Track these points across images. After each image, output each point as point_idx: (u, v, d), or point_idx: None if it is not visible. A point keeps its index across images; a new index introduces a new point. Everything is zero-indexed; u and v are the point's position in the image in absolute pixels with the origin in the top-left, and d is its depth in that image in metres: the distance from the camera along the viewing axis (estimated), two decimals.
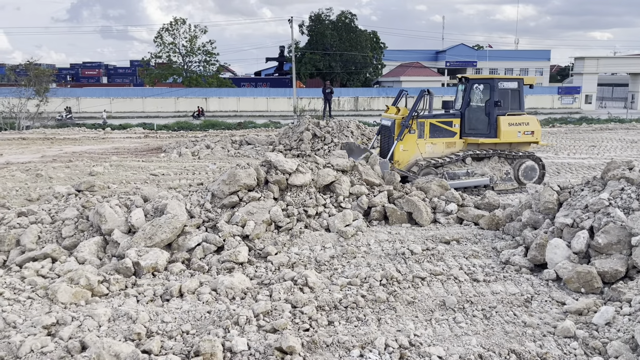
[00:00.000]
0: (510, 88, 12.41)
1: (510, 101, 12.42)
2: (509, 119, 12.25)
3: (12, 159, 18.66)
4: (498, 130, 12.19)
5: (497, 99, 12.13)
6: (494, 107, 12.17)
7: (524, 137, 12.42)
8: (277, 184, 8.89)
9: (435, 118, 12.23)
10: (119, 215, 8.10)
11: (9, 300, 5.79)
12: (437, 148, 12.23)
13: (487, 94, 12.43)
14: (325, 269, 7.04)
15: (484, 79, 13.25)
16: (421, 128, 12.05)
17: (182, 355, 4.72)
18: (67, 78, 70.35)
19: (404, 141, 11.89)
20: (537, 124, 12.63)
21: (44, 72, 37.54)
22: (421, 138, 12.07)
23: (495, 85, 12.23)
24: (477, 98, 12.80)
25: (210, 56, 56.19)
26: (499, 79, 12.49)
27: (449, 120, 12.34)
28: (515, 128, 12.28)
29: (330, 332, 5.22)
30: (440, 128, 12.23)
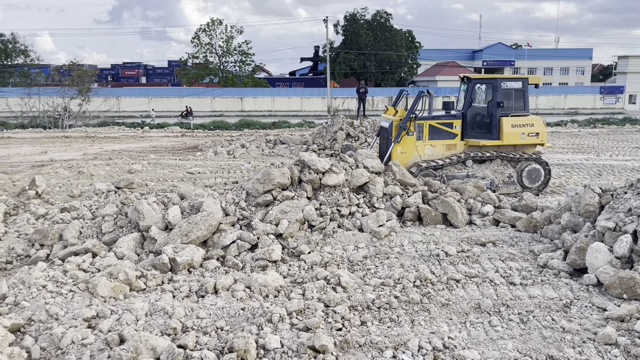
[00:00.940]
0: (514, 88, 11.96)
1: (514, 101, 11.95)
2: (512, 120, 11.79)
3: (55, 157, 19.32)
4: (500, 131, 11.72)
5: (500, 99, 11.69)
6: (497, 108, 11.73)
7: (528, 139, 11.89)
8: (311, 183, 8.92)
9: (434, 119, 11.88)
10: (157, 212, 8.28)
11: (52, 293, 5.98)
12: (437, 150, 11.84)
13: (490, 94, 11.99)
14: (358, 269, 7.03)
15: (486, 78, 12.76)
16: (420, 130, 11.71)
17: (216, 351, 4.79)
18: (108, 78, 72.37)
19: (401, 143, 11.59)
20: (543, 125, 12.10)
21: (86, 73, 38.70)
22: (420, 140, 11.73)
23: (497, 85, 11.78)
24: (479, 98, 12.40)
25: (246, 56, 56.89)
26: (501, 79, 12.08)
27: (450, 121, 11.94)
28: (518, 129, 11.79)
29: (363, 332, 5.20)
30: (440, 130, 11.86)
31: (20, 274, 6.44)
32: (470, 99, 12.01)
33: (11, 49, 60.56)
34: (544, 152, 12.97)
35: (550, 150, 19.55)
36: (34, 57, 61.50)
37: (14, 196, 10.81)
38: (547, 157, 17.78)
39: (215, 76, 57.11)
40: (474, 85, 12.23)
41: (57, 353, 4.82)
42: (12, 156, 20.00)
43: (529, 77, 12.47)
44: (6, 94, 38.26)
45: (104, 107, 38.55)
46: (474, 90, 12.19)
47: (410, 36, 61.97)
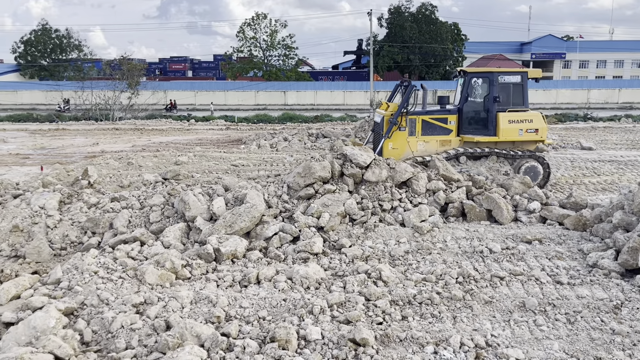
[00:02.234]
0: (512, 82, 11.49)
1: (512, 96, 11.47)
2: (510, 115, 11.33)
3: (106, 148, 20.03)
4: (497, 127, 11.26)
5: (496, 94, 11.24)
6: (493, 103, 11.27)
7: (526, 136, 11.38)
8: (352, 177, 8.91)
9: (428, 114, 11.53)
10: (202, 203, 8.47)
11: (103, 279, 6.23)
12: (430, 146, 11.46)
13: (486, 89, 11.53)
14: (399, 263, 6.99)
15: (482, 72, 12.29)
16: (412, 125, 11.38)
17: (258, 340, 4.87)
18: (156, 72, 74.24)
19: (393, 139, 11.27)
20: (542, 121, 11.56)
21: (135, 67, 39.85)
22: (412, 135, 11.38)
23: (494, 80, 11.35)
24: (475, 93, 11.97)
25: (290, 50, 57.17)
26: (498, 73, 11.58)
27: (444, 116, 11.56)
28: (516, 125, 11.31)
29: (403, 327, 5.19)
30: (433, 125, 11.49)
31: (74, 260, 6.74)
32: (466, 94, 11.62)
33: (66, 44, 63.05)
34: (547, 150, 12.39)
35: (602, 146, 18.82)
36: (87, 52, 63.89)
37: (68, 185, 11.28)
38: (598, 152, 17.14)
39: (259, 70, 57.66)
40: (470, 79, 11.83)
41: (107, 336, 5.02)
42: (66, 147, 20.87)
43: (528, 70, 11.92)
44: (61, 87, 39.81)
45: (152, 100, 39.60)
46: (470, 85, 11.78)
47: (455, 29, 60.69)
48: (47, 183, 11.17)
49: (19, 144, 21.76)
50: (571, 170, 14.36)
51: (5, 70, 66.68)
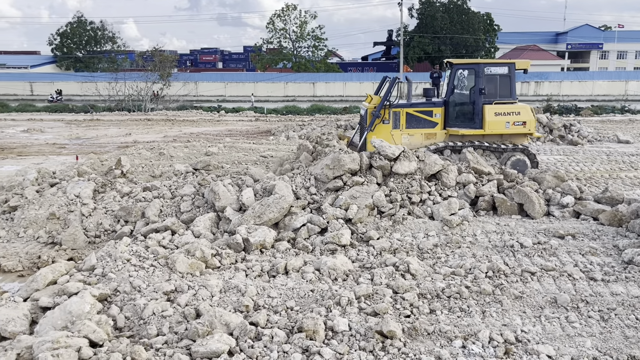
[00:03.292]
0: (499, 74, 11.13)
1: (499, 88, 11.12)
2: (496, 108, 10.99)
3: (139, 138, 20.42)
4: (483, 120, 10.94)
5: (482, 85, 10.90)
6: (479, 95, 10.94)
7: (513, 128, 11.03)
8: (381, 169, 8.87)
9: (412, 107, 11.27)
10: (231, 194, 8.57)
11: (135, 266, 6.37)
12: (415, 139, 11.17)
13: (472, 81, 11.19)
14: (427, 257, 6.95)
15: (468, 63, 12.02)
16: (396, 118, 11.11)
17: (286, 330, 4.92)
18: (187, 63, 75.12)
19: (376, 132, 11.02)
20: (530, 114, 11.19)
21: (167, 58, 40.39)
22: (396, 129, 11.12)
23: (480, 71, 10.99)
24: (461, 85, 11.65)
25: (319, 41, 57.03)
26: (485, 64, 11.22)
27: (429, 109, 11.28)
28: (502, 118, 10.95)
29: (431, 320, 5.16)
30: (418, 118, 11.22)
31: (107, 247, 6.91)
32: (452, 86, 11.33)
33: (100, 36, 64.34)
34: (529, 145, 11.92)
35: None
36: (121, 44, 65.08)
37: (102, 175, 11.55)
38: (636, 146, 16.62)
39: (288, 61, 57.74)
40: (456, 71, 11.51)
41: (139, 323, 5.15)
42: (100, 137, 21.36)
43: (515, 61, 11.57)
44: (95, 79, 40.65)
45: (183, 92, 40.11)
46: (456, 76, 11.47)
47: (488, 19, 59.49)
48: (82, 172, 11.46)
49: (56, 134, 22.37)
50: (607, 164, 13.97)
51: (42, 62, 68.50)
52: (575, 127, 18.63)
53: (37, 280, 6.05)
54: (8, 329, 5.07)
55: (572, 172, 12.68)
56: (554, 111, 27.67)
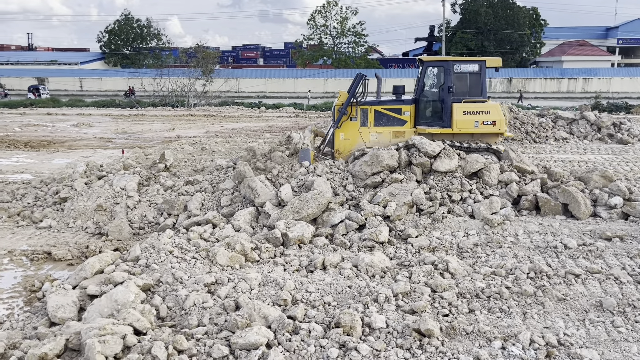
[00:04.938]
0: (469, 72, 10.72)
1: (469, 86, 10.70)
2: (465, 106, 10.55)
3: (182, 134, 20.88)
4: (452, 119, 10.56)
5: (451, 83, 10.55)
6: (448, 93, 10.59)
7: (482, 128, 10.54)
8: (421, 166, 8.79)
9: (380, 105, 10.94)
10: (270, 189, 8.67)
11: (177, 258, 6.55)
12: (383, 137, 10.83)
13: (442, 78, 10.83)
14: (467, 256, 6.85)
15: (438, 61, 11.47)
16: (364, 115, 10.82)
17: (323, 325, 4.96)
18: (229, 60, 76.18)
19: (344, 129, 10.77)
20: (500, 113, 10.69)
21: (209, 55, 41.04)
22: (364, 126, 10.82)
23: (449, 69, 10.61)
24: (431, 83, 11.29)
25: (360, 37, 56.77)
26: (454, 62, 10.80)
27: (397, 107, 10.94)
28: (471, 117, 10.50)
29: (470, 320, 5.09)
30: (386, 116, 10.88)
31: (151, 239, 7.12)
32: (422, 83, 11.03)
33: (146, 33, 65.99)
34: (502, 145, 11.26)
35: None
36: (165, 41, 66.59)
37: (146, 168, 11.89)
38: None
39: (328, 57, 57.76)
40: (426, 68, 11.19)
41: (181, 313, 5.29)
42: (145, 132, 21.96)
43: (486, 59, 11.09)
44: (141, 75, 41.79)
45: (225, 88, 40.72)
46: (426, 74, 11.16)
47: (534, 13, 57.81)
48: (127, 166, 11.82)
49: (103, 129, 23.13)
50: None
51: (91, 58, 70.83)
52: (625, 125, 17.92)
53: (85, 269, 6.29)
54: (58, 315, 5.30)
55: (621, 172, 12.21)
56: (602, 109, 26.68)
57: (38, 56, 73.03)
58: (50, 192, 10.48)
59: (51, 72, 56.40)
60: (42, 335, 4.89)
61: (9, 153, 16.66)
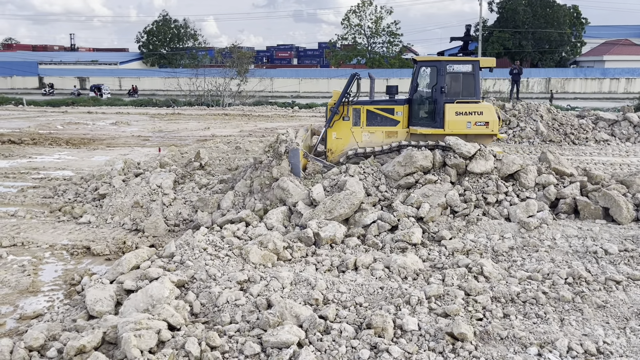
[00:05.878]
0: (462, 72, 10.63)
1: (462, 87, 10.60)
2: (457, 107, 10.43)
3: (216, 132, 21.17)
4: (444, 119, 10.45)
5: (443, 83, 10.44)
6: (440, 94, 10.49)
7: (475, 129, 10.43)
8: (455, 167, 8.67)
9: (373, 104, 10.89)
10: (301, 189, 8.70)
11: (211, 255, 6.63)
12: (376, 137, 10.80)
13: (435, 78, 10.72)
14: (502, 259, 6.72)
15: (431, 61, 11.34)
16: (357, 115, 10.79)
17: (354, 325, 4.94)
18: (263, 60, 76.82)
19: (336, 128, 10.77)
20: (493, 114, 10.51)
21: (244, 55, 41.45)
22: (357, 126, 10.80)
23: (442, 69, 10.50)
24: (424, 83, 11.16)
25: (394, 37, 56.41)
26: (447, 62, 10.69)
27: (390, 107, 10.87)
28: (464, 118, 10.40)
29: (505, 325, 4.99)
30: (379, 116, 10.82)
31: (186, 236, 7.24)
32: (415, 84, 10.94)
33: (183, 34, 67.20)
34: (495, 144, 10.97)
35: None
36: (201, 41, 67.66)
37: (182, 166, 12.10)
38: None
39: (362, 57, 57.59)
40: (420, 68, 11.08)
41: (214, 310, 5.36)
42: (180, 131, 22.35)
43: (480, 59, 10.95)
44: (177, 74, 42.52)
45: (259, 87, 41.06)
46: (419, 74, 11.05)
47: (575, 12, 56.25)
48: (164, 164, 12.06)
49: (141, 127, 23.66)
50: None
51: (130, 58, 72.58)
52: None
53: (122, 264, 6.44)
54: (96, 309, 5.45)
55: None
56: None
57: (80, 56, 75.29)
58: (90, 188, 10.80)
59: (92, 72, 58.06)
60: (81, 327, 5.04)
61: (51, 150, 17.23)
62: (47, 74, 58.42)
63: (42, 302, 6.25)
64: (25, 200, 10.66)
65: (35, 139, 19.13)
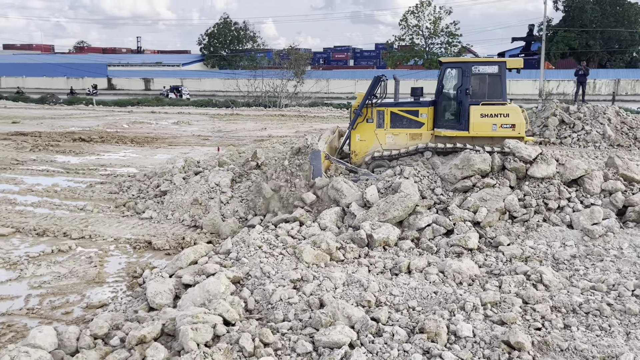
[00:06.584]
0: (488, 73, 10.33)
1: (488, 88, 10.30)
2: (483, 109, 10.13)
3: (273, 133, 21.52)
4: (468, 121, 10.15)
5: (468, 85, 10.13)
6: (465, 95, 10.18)
7: (501, 131, 10.18)
8: (515, 171, 8.41)
9: (397, 106, 10.72)
10: (355, 190, 8.69)
11: (266, 253, 6.75)
12: (399, 139, 10.67)
13: (460, 80, 10.38)
14: (564, 268, 6.46)
15: (456, 62, 11.00)
16: (380, 117, 10.68)
17: (407, 329, 4.89)
18: (320, 61, 77.31)
19: (360, 130, 10.72)
20: (520, 116, 10.13)
21: (302, 56, 41.91)
22: (380, 128, 10.71)
23: (467, 70, 10.20)
24: (450, 84, 10.83)
25: (453, 37, 55.38)
26: (473, 63, 10.37)
27: (415, 109, 10.72)
28: (489, 120, 10.12)
29: (565, 336, 4.80)
30: (403, 117, 10.65)
31: (242, 234, 7.41)
32: (441, 85, 10.70)
33: (242, 36, 68.69)
34: None
35: None
36: (260, 43, 68.93)
37: (239, 165, 12.36)
38: None
39: (420, 58, 56.87)
40: (445, 70, 10.77)
41: (267, 307, 5.45)
42: (238, 131, 22.87)
43: (507, 60, 10.56)
44: (236, 76, 43.53)
45: (315, 89, 41.35)
46: (444, 75, 10.76)
47: None
48: (222, 163, 12.37)
49: (201, 127, 24.38)
50: None
51: (192, 60, 74.96)
52: None
53: (181, 259, 6.67)
54: (156, 301, 5.67)
55: None
56: None
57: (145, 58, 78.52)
58: (152, 185, 11.24)
59: (156, 73, 60.37)
60: (142, 318, 5.26)
61: (117, 148, 18.06)
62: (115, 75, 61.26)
63: (106, 293, 6.57)
64: (93, 195, 11.23)
65: (103, 137, 20.12)
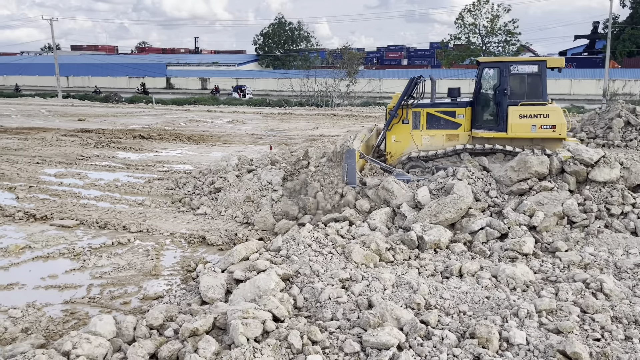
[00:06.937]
0: (527, 72, 9.93)
1: (527, 88, 9.87)
2: (522, 109, 9.74)
3: (324, 132, 21.63)
4: (507, 122, 9.76)
5: (506, 85, 9.73)
6: (503, 96, 9.78)
7: (540, 132, 9.82)
8: (575, 175, 8.08)
9: (433, 107, 10.44)
10: (406, 191, 8.60)
11: (315, 252, 6.79)
12: (436, 140, 10.40)
13: (498, 80, 9.99)
14: (626, 277, 6.15)
15: (495, 62, 10.52)
16: (416, 118, 10.45)
17: (457, 334, 4.80)
18: (373, 60, 76.93)
19: (395, 131, 10.53)
20: (561, 116, 9.65)
21: (355, 56, 41.85)
22: (417, 129, 10.48)
23: (506, 70, 9.79)
24: (488, 85, 10.43)
25: (511, 36, 53.78)
26: (511, 62, 9.89)
27: (451, 110, 10.42)
28: (528, 121, 9.76)
29: (627, 348, 4.57)
30: (439, 119, 10.38)
31: (292, 232, 7.49)
32: (479, 85, 10.33)
33: (296, 36, 69.33)
34: None
35: None
36: (314, 42, 69.36)
37: (291, 164, 12.49)
38: None
39: (476, 57, 55.52)
40: (483, 70, 10.43)
41: (316, 305, 5.49)
42: (291, 130, 23.12)
43: (547, 59, 10.06)
44: (290, 75, 43.98)
45: (368, 88, 41.17)
46: (482, 76, 10.39)
47: None
48: (274, 161, 12.54)
49: (254, 126, 24.82)
50: None
51: (247, 60, 76.38)
52: None
53: (233, 255, 6.82)
54: (208, 295, 5.83)
55: None
56: None
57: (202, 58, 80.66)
58: (207, 182, 11.54)
59: (212, 73, 61.90)
60: (195, 311, 5.41)
61: (174, 145, 18.67)
62: (174, 74, 63.26)
63: (162, 285, 6.81)
64: (151, 191, 11.66)
65: (161, 135, 20.84)
